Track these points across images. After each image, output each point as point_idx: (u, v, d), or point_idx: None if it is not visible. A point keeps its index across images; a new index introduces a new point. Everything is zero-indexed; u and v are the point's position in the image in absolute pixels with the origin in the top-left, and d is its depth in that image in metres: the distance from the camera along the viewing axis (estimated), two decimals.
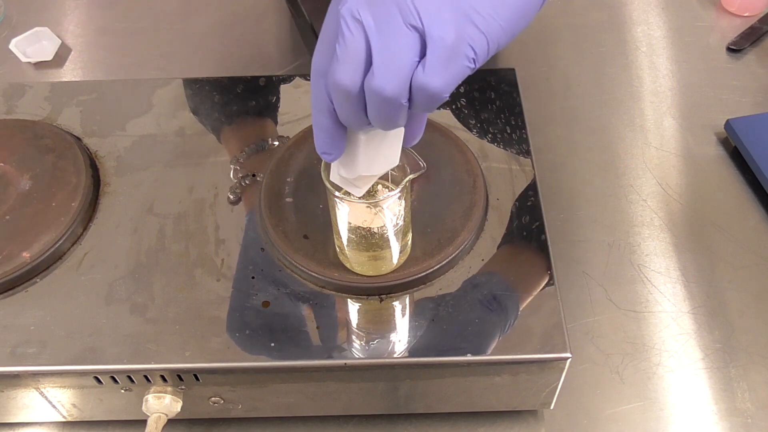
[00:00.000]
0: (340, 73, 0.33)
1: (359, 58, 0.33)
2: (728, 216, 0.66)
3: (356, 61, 0.33)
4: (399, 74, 0.33)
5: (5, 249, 0.51)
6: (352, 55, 0.33)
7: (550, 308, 0.48)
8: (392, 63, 0.33)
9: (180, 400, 0.49)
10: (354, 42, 0.33)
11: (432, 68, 0.33)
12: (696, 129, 0.73)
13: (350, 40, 0.33)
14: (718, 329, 0.59)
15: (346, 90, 0.34)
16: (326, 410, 0.53)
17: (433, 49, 0.33)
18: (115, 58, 0.82)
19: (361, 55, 0.33)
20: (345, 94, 0.34)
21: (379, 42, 0.33)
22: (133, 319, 0.49)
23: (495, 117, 0.61)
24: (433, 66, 0.33)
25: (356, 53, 0.33)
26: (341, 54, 0.33)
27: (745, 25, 0.82)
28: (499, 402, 0.52)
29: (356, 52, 0.33)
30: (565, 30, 0.84)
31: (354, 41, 0.33)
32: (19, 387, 0.49)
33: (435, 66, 0.33)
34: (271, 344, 0.47)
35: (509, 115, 0.61)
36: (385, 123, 0.35)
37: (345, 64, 0.33)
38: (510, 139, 0.59)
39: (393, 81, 0.33)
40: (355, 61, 0.33)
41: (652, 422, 0.54)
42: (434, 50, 0.33)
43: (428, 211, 0.53)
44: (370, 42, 0.33)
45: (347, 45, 0.33)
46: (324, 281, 0.50)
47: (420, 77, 0.33)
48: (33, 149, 0.58)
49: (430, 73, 0.33)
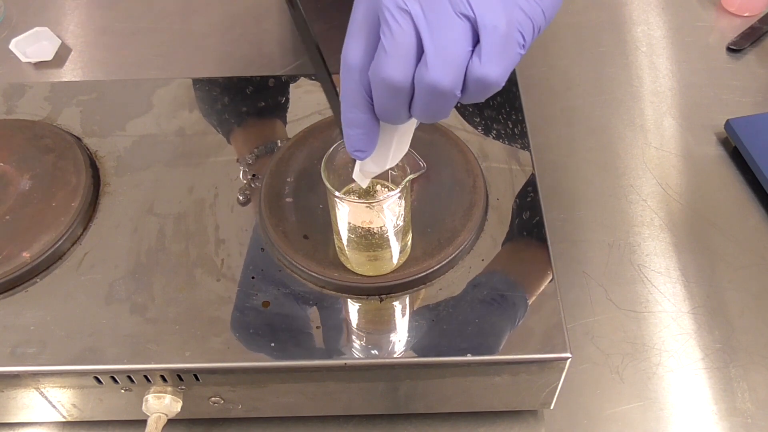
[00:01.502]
0: (390, 68, 0.32)
1: (410, 51, 0.32)
2: (728, 216, 0.66)
3: (407, 54, 0.32)
4: (454, 66, 0.32)
5: (5, 249, 0.51)
6: (401, 47, 0.31)
7: (550, 308, 0.48)
8: (447, 54, 0.31)
9: (180, 400, 0.49)
10: (403, 34, 0.31)
11: (489, 58, 0.32)
12: (696, 129, 0.73)
13: (398, 32, 0.31)
14: (718, 329, 0.59)
15: (397, 85, 0.32)
16: (326, 410, 0.53)
17: (487, 37, 0.32)
18: (115, 58, 0.82)
19: (411, 48, 0.32)
20: (394, 90, 0.33)
21: (430, 33, 0.31)
22: (133, 319, 0.49)
23: (495, 117, 0.61)
24: (489, 55, 0.32)
25: (406, 46, 0.31)
26: (390, 47, 0.31)
27: (745, 25, 0.82)
28: (499, 402, 0.52)
29: (406, 45, 0.31)
30: (565, 30, 0.84)
31: (403, 33, 0.31)
32: (19, 387, 0.49)
33: (491, 55, 0.32)
34: (271, 344, 0.47)
35: (509, 115, 0.61)
36: (433, 116, 0.34)
37: (394, 57, 0.32)
38: (510, 139, 0.59)
39: (449, 73, 0.32)
40: (406, 54, 0.32)
41: (652, 422, 0.54)
42: (489, 39, 0.32)
43: (428, 211, 0.53)
44: (420, 33, 0.31)
45: (395, 37, 0.31)
46: (324, 281, 0.50)
47: (477, 68, 0.32)
48: (33, 149, 0.58)
49: (488, 64, 0.32)
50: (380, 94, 0.33)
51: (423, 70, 0.32)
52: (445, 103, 0.33)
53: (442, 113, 0.34)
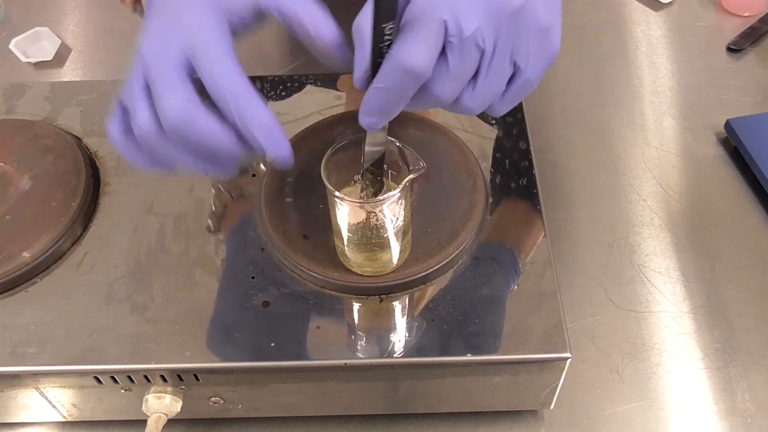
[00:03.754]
0: (444, 88, 0.35)
1: (466, 79, 0.36)
2: (728, 216, 0.66)
3: (463, 81, 0.36)
4: (488, 102, 0.37)
5: (5, 249, 0.51)
6: (462, 76, 0.35)
7: (550, 308, 0.48)
8: (487, 93, 0.36)
9: (180, 400, 0.49)
10: (470, 67, 0.35)
11: (508, 102, 0.38)
12: (696, 129, 0.73)
13: (468, 65, 0.35)
14: (718, 329, 0.59)
15: (442, 101, 0.36)
16: (326, 410, 0.53)
17: (519, 87, 0.37)
18: (115, 58, 0.82)
19: (468, 77, 0.36)
20: (436, 102, 0.36)
21: (486, 72, 0.35)
22: (133, 319, 0.49)
23: (495, 117, 0.61)
24: (510, 100, 0.38)
25: (466, 75, 0.35)
26: (454, 70, 0.35)
27: (745, 25, 0.82)
28: (499, 402, 0.52)
29: (466, 75, 0.35)
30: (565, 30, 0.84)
31: (470, 66, 0.35)
32: (19, 387, 0.49)
33: (511, 100, 0.38)
34: (271, 344, 0.47)
35: (509, 115, 0.61)
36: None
37: (453, 80, 0.35)
38: (510, 139, 0.59)
39: (481, 107, 0.37)
40: (462, 81, 0.36)
41: (652, 422, 0.54)
42: (520, 88, 0.37)
43: (428, 211, 0.53)
44: (480, 68, 0.35)
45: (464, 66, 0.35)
46: (324, 281, 0.50)
47: (496, 106, 0.38)
48: (33, 149, 0.58)
49: (505, 105, 0.38)
50: (423, 101, 0.36)
51: (467, 96, 0.36)
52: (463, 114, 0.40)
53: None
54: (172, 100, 0.35)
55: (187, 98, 0.36)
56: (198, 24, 0.37)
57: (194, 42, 0.36)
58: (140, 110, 0.36)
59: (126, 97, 0.38)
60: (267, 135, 0.36)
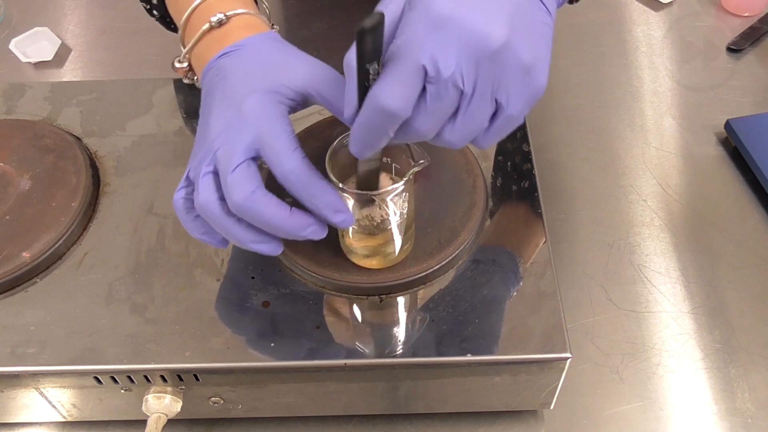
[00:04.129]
0: (423, 125, 0.36)
1: (445, 117, 0.36)
2: (728, 216, 0.66)
3: (442, 118, 0.36)
4: (469, 137, 0.38)
5: (5, 249, 0.51)
6: (441, 114, 0.36)
7: (550, 308, 0.48)
8: (468, 130, 0.37)
9: (180, 400, 0.49)
10: (449, 106, 0.36)
11: (491, 136, 0.38)
12: (696, 129, 0.73)
13: (446, 104, 0.35)
14: (718, 329, 0.59)
15: (423, 136, 0.37)
16: (326, 410, 0.53)
17: (502, 123, 0.37)
18: (115, 58, 0.82)
19: (447, 115, 0.36)
20: (417, 137, 0.37)
21: (466, 110, 0.36)
22: (133, 319, 0.49)
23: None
24: (493, 135, 0.38)
25: (445, 113, 0.36)
26: (432, 109, 0.35)
27: (745, 25, 0.82)
28: (499, 402, 0.52)
29: (446, 113, 0.36)
30: (565, 30, 0.84)
31: (449, 105, 0.36)
32: (19, 387, 0.49)
33: (495, 135, 0.38)
34: (271, 344, 0.47)
35: None
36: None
37: (431, 118, 0.36)
38: (510, 139, 0.59)
39: (463, 141, 0.38)
40: (441, 118, 0.36)
41: (652, 422, 0.54)
42: (502, 125, 0.37)
43: (428, 211, 0.53)
44: (460, 106, 0.36)
45: (442, 106, 0.35)
46: (324, 281, 0.50)
47: (479, 141, 0.38)
48: (33, 149, 0.58)
49: (489, 140, 0.38)
50: (405, 136, 0.37)
51: (448, 131, 0.37)
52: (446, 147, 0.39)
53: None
54: (240, 190, 0.40)
55: (255, 188, 0.40)
56: (263, 118, 0.41)
57: (263, 137, 0.41)
58: (205, 192, 0.41)
59: (194, 174, 0.42)
60: (334, 212, 0.41)
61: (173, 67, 0.52)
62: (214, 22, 0.48)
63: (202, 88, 0.47)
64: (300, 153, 0.41)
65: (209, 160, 0.41)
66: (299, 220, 0.42)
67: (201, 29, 0.48)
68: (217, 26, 0.48)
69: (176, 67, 0.52)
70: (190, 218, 0.44)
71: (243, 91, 0.42)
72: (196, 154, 0.43)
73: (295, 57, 0.45)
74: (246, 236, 0.42)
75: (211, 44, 0.48)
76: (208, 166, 0.41)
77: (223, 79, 0.44)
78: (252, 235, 0.42)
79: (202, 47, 0.49)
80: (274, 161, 0.41)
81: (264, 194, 0.41)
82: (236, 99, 0.42)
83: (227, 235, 0.43)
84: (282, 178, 0.41)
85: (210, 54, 0.47)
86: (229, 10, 0.48)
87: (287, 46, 0.47)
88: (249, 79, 0.43)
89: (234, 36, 0.47)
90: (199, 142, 0.44)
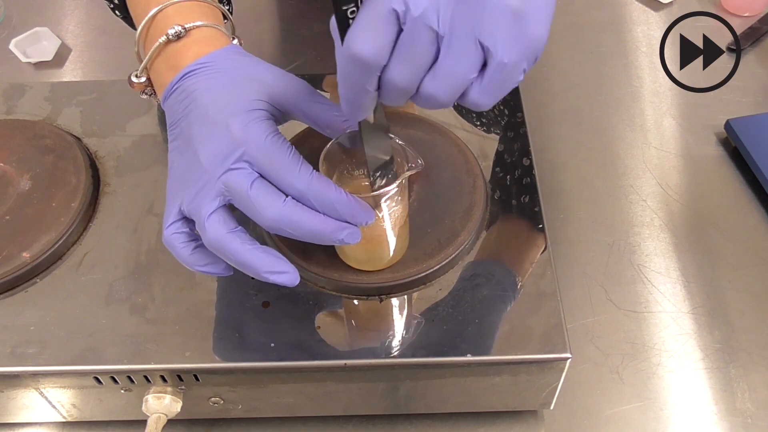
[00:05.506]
0: (399, 74, 0.34)
1: (423, 63, 0.34)
2: (728, 216, 0.66)
3: (420, 67, 0.34)
4: (456, 87, 0.34)
5: (5, 249, 0.51)
6: (417, 58, 0.33)
7: (550, 308, 0.48)
8: (453, 77, 0.34)
9: (180, 401, 0.49)
10: (425, 49, 0.33)
11: (487, 90, 0.35)
12: (696, 129, 0.73)
13: (421, 47, 0.33)
14: (718, 329, 0.59)
15: (402, 88, 0.34)
16: (326, 410, 0.53)
17: (492, 73, 0.34)
18: (115, 58, 0.82)
19: (427, 62, 0.34)
20: (399, 92, 0.35)
21: (446, 54, 0.33)
22: (133, 319, 0.49)
23: (495, 117, 0.61)
24: (488, 89, 0.35)
25: (422, 58, 0.33)
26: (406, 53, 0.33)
27: (745, 25, 0.82)
28: (499, 402, 0.52)
29: (422, 58, 0.33)
30: (565, 30, 0.84)
31: (425, 48, 0.33)
32: (19, 387, 0.49)
33: (490, 89, 0.35)
34: (271, 344, 0.47)
35: (509, 115, 0.61)
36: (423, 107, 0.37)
37: (407, 64, 0.33)
38: (510, 139, 0.59)
39: (449, 93, 0.34)
40: (419, 67, 0.34)
41: (652, 422, 0.54)
42: (493, 74, 0.34)
43: (428, 211, 0.53)
44: (439, 51, 0.33)
45: (417, 48, 0.33)
46: (324, 281, 0.50)
47: (474, 95, 0.35)
48: (33, 149, 0.58)
49: (485, 95, 0.35)
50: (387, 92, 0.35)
51: (429, 81, 0.34)
52: (435, 107, 0.36)
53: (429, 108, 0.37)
54: (269, 205, 0.39)
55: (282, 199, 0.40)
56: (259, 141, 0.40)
57: (262, 162, 0.39)
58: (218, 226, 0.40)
59: (192, 207, 0.41)
60: (352, 214, 0.40)
61: (129, 82, 0.48)
62: (172, 35, 0.44)
63: (167, 110, 0.44)
64: (307, 168, 0.40)
65: (215, 192, 0.40)
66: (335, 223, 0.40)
67: (158, 42, 0.45)
68: (175, 39, 0.44)
69: (133, 82, 0.48)
70: (188, 252, 0.42)
71: (225, 113, 0.40)
72: (188, 186, 0.41)
73: (267, 71, 0.43)
74: (264, 263, 0.41)
75: (169, 59, 0.45)
76: (213, 201, 0.40)
77: (194, 101, 0.42)
78: (272, 260, 0.41)
79: (161, 62, 0.45)
80: (283, 183, 0.39)
81: (294, 203, 0.39)
82: (219, 122, 0.40)
83: (245, 265, 0.41)
84: (298, 196, 0.40)
85: (170, 72, 0.44)
86: (187, 22, 0.45)
87: (252, 59, 0.45)
88: (224, 99, 0.41)
89: (193, 51, 0.44)
90: (186, 173, 0.41)
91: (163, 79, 0.45)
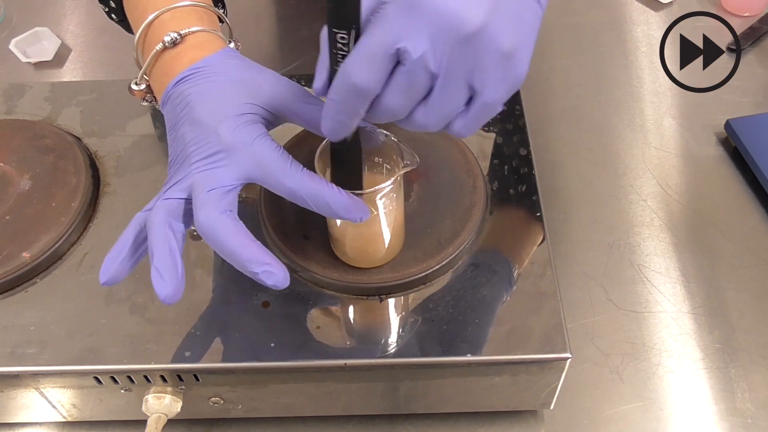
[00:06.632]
0: (393, 104, 0.36)
1: (417, 97, 0.36)
2: (728, 216, 0.66)
3: (413, 100, 0.36)
4: (444, 119, 0.37)
5: (5, 249, 0.51)
6: (412, 94, 0.36)
7: (550, 308, 0.48)
8: (442, 112, 0.36)
9: (180, 400, 0.49)
10: (420, 86, 0.35)
11: (469, 123, 0.38)
12: (696, 129, 0.73)
13: (417, 85, 0.35)
14: (718, 329, 0.59)
15: (394, 115, 0.37)
16: (326, 410, 0.53)
17: (478, 109, 0.37)
18: (115, 58, 0.82)
19: (419, 96, 0.36)
20: (389, 115, 0.37)
21: (439, 93, 0.36)
22: (133, 319, 0.49)
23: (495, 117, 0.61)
24: (471, 121, 0.37)
25: (417, 94, 0.36)
26: (402, 89, 0.35)
27: (745, 25, 0.82)
28: (499, 402, 0.52)
29: (417, 93, 0.36)
30: (565, 30, 0.84)
31: (420, 86, 0.35)
32: (19, 387, 0.49)
33: (473, 122, 0.37)
34: (271, 344, 0.47)
35: (509, 115, 0.61)
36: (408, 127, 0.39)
37: (402, 97, 0.36)
38: (510, 139, 0.59)
39: (438, 124, 0.37)
40: (412, 100, 0.36)
41: (652, 422, 0.54)
42: (479, 111, 0.37)
43: (428, 211, 0.53)
44: (432, 88, 0.36)
45: (413, 86, 0.35)
46: (324, 281, 0.50)
47: (458, 127, 0.38)
48: (33, 149, 0.58)
49: (467, 128, 0.38)
50: (377, 114, 0.37)
51: (420, 111, 0.37)
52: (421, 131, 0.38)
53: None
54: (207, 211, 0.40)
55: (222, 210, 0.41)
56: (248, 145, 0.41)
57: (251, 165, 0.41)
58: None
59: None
60: (346, 210, 0.41)
61: (130, 90, 0.49)
62: (168, 42, 0.45)
63: (165, 116, 0.45)
64: (297, 167, 0.40)
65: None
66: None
67: (155, 49, 0.46)
68: (171, 46, 0.45)
69: (133, 89, 0.49)
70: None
71: (216, 118, 0.41)
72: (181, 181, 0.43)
73: (259, 74, 0.44)
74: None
75: (166, 66, 0.45)
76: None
77: (187, 106, 0.43)
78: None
79: (158, 69, 0.46)
80: (274, 183, 0.40)
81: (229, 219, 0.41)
82: (210, 127, 0.41)
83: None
84: (290, 195, 0.41)
85: (166, 78, 0.45)
86: (183, 28, 0.45)
87: (247, 62, 0.45)
88: (215, 104, 0.42)
89: (188, 57, 0.45)
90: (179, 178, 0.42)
91: (161, 86, 0.46)
